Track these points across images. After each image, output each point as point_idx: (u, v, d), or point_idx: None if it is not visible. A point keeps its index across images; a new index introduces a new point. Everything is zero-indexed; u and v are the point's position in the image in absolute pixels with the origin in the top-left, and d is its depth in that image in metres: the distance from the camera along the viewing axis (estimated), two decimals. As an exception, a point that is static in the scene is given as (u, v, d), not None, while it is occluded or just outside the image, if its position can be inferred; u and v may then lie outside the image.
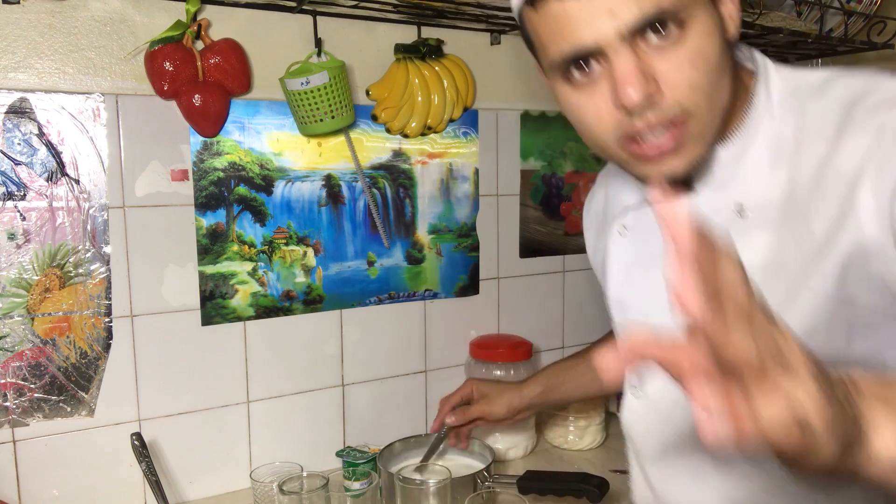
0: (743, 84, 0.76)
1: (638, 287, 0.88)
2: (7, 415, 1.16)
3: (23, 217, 1.14)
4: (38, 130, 1.14)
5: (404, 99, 1.40)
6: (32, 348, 1.16)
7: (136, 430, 1.24)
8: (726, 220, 0.75)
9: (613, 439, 1.58)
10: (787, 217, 0.72)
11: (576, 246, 1.73)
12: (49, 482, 1.19)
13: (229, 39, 1.22)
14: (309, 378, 1.41)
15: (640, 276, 0.87)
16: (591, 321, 1.76)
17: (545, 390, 1.26)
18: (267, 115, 1.32)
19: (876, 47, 1.65)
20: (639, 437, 0.91)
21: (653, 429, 0.88)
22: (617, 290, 0.91)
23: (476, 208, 1.57)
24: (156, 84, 1.17)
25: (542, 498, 1.22)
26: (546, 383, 1.26)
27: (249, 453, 1.36)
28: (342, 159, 1.40)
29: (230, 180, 1.30)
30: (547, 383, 1.26)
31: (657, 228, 0.82)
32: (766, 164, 0.74)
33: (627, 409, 0.92)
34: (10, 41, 1.11)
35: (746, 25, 1.40)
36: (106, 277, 1.21)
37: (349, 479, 1.21)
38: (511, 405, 1.25)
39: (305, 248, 1.38)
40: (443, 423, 1.28)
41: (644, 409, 0.89)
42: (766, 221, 0.73)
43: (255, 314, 1.35)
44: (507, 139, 1.60)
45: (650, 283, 0.84)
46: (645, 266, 0.86)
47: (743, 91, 0.76)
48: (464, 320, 1.59)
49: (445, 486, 1.10)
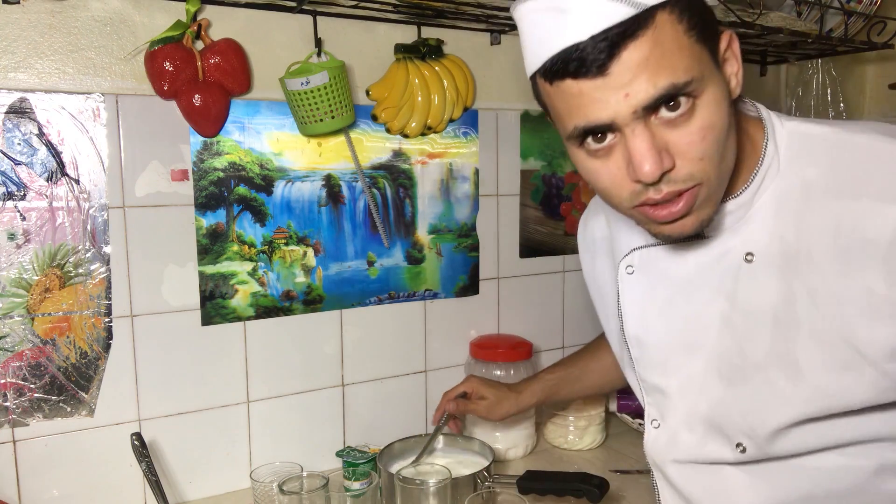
0: (749, 136, 0.79)
1: (654, 326, 0.91)
2: (7, 415, 1.16)
3: (23, 217, 1.14)
4: (38, 130, 1.14)
5: (404, 99, 1.40)
6: (32, 348, 1.16)
7: (136, 430, 1.24)
8: (734, 265, 0.80)
9: (613, 439, 1.58)
10: (795, 266, 0.76)
11: (576, 246, 1.72)
12: (49, 482, 1.19)
13: (229, 39, 1.22)
14: (309, 378, 1.41)
15: (656, 317, 0.91)
16: (591, 321, 1.76)
17: (541, 400, 1.29)
18: (267, 115, 1.32)
19: (876, 47, 1.65)
20: (664, 464, 0.94)
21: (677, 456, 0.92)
22: (634, 327, 0.94)
23: (476, 208, 1.57)
24: (156, 84, 1.17)
25: (542, 498, 1.22)
26: (542, 395, 1.28)
27: (249, 453, 1.36)
28: (342, 159, 1.40)
29: (230, 180, 1.30)
30: (543, 394, 1.28)
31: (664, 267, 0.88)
32: (771, 215, 0.77)
33: (650, 439, 0.96)
34: (10, 41, 1.11)
35: (746, 25, 1.40)
36: (106, 277, 1.21)
37: (349, 479, 1.21)
38: (507, 413, 1.28)
39: (305, 248, 1.38)
40: (444, 413, 1.29)
41: (666, 438, 0.93)
42: (772, 267, 0.77)
43: (255, 314, 1.35)
44: (507, 139, 1.60)
45: (666, 321, 0.89)
46: (659, 306, 0.90)
47: (749, 144, 0.79)
48: (464, 320, 1.59)
49: (445, 486, 1.10)
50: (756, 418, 0.81)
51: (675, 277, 0.87)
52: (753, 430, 0.82)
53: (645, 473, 1.41)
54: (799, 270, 0.76)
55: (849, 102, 1.95)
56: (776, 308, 0.77)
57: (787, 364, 0.78)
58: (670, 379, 0.91)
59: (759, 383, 0.81)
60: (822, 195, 0.75)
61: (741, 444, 0.84)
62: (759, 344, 0.80)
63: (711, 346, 0.85)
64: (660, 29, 0.65)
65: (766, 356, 0.80)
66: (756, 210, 0.79)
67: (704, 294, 0.84)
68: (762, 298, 0.78)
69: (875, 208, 0.70)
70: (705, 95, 0.68)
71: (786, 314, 0.77)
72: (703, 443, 0.88)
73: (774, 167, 0.78)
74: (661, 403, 0.93)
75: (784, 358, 0.78)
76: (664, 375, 0.91)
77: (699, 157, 0.69)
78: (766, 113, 0.81)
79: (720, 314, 0.83)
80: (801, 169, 0.77)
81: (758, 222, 0.78)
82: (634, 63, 0.65)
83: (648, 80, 0.65)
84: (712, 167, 0.70)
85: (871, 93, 2.07)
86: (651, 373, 0.94)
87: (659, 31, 0.65)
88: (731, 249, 0.80)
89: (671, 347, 0.90)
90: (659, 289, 0.90)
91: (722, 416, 0.85)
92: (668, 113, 0.67)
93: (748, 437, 0.83)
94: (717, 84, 0.69)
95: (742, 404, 0.83)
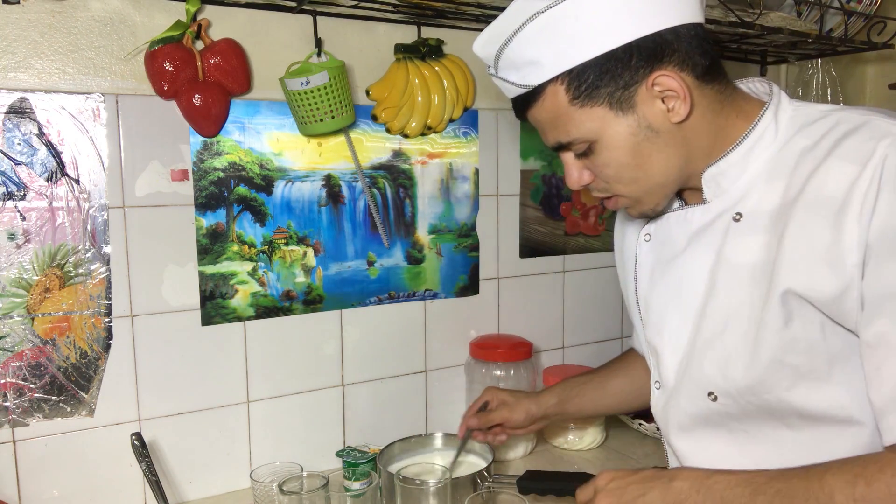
0: (744, 113, 0.90)
1: (658, 286, 1.00)
2: (7, 415, 1.16)
3: (23, 217, 1.14)
4: (38, 130, 1.14)
5: (404, 99, 1.40)
6: (32, 348, 1.16)
7: (136, 430, 1.24)
8: (725, 224, 0.90)
9: (613, 439, 1.58)
10: (778, 222, 0.84)
11: (576, 246, 1.73)
12: (49, 482, 1.19)
13: (229, 39, 1.22)
14: (309, 378, 1.41)
15: (659, 277, 1.00)
16: (591, 321, 1.76)
17: (560, 401, 1.27)
18: (267, 115, 1.32)
19: (876, 47, 1.65)
20: (664, 424, 1.02)
21: (671, 414, 1.00)
22: (644, 290, 1.03)
23: (476, 208, 1.57)
24: (156, 84, 1.17)
25: (542, 498, 1.22)
26: (561, 395, 1.28)
27: (249, 453, 1.36)
28: (342, 159, 1.40)
29: (230, 180, 1.30)
30: (562, 395, 1.28)
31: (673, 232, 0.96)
32: (764, 180, 0.87)
33: (653, 401, 1.04)
34: (10, 41, 1.11)
35: (746, 25, 1.40)
36: (106, 277, 1.21)
37: (349, 479, 1.21)
38: (529, 412, 1.26)
39: (305, 248, 1.38)
40: (467, 427, 1.28)
41: (664, 399, 1.00)
42: (758, 226, 0.86)
43: (255, 314, 1.35)
44: (507, 139, 1.60)
45: (666, 281, 0.98)
46: (662, 267, 0.99)
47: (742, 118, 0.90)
48: (464, 320, 1.59)
49: (445, 486, 1.11)
50: (727, 367, 0.89)
51: (678, 241, 0.96)
52: (725, 379, 0.89)
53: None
54: (776, 226, 0.84)
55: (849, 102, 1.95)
56: (755, 261, 0.86)
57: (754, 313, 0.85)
58: (663, 336, 0.98)
59: (730, 333, 0.88)
60: (807, 158, 0.83)
61: (712, 394, 0.92)
62: (733, 293, 0.88)
63: (699, 301, 0.93)
64: (549, 98, 0.86)
65: (738, 305, 0.87)
66: (750, 176, 0.88)
67: (697, 253, 0.93)
68: (744, 254, 0.87)
69: (837, 166, 0.79)
70: (602, 141, 0.86)
71: (761, 267, 0.85)
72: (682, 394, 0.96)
73: (771, 136, 0.87)
74: (658, 363, 1.00)
75: (754, 307, 0.85)
76: (659, 333, 0.99)
77: (606, 180, 0.90)
78: (777, 91, 0.91)
79: (709, 270, 0.91)
80: (795, 140, 0.85)
81: (751, 187, 0.88)
82: (536, 120, 0.91)
83: (547, 133, 0.91)
84: (625, 184, 0.90)
85: (871, 93, 2.08)
86: (652, 333, 1.01)
87: (549, 101, 0.87)
88: (725, 211, 0.90)
89: (667, 306, 0.98)
90: (665, 252, 0.99)
91: (699, 366, 0.93)
92: (574, 151, 0.90)
93: (718, 386, 0.91)
94: (619, 129, 0.85)
95: (716, 353, 0.90)
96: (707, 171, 0.90)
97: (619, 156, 0.87)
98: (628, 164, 0.88)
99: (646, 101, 0.85)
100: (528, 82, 0.87)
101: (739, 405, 0.90)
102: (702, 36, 0.86)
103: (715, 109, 0.88)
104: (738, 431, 0.92)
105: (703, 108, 0.87)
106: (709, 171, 0.90)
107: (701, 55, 0.85)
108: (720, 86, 0.88)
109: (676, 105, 0.84)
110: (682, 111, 0.84)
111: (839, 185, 0.78)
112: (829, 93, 1.84)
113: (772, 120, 0.88)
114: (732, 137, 0.89)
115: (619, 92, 0.84)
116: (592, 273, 1.76)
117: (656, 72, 0.83)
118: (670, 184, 0.91)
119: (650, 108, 0.85)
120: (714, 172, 0.90)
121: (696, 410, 0.95)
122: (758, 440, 0.91)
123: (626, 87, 0.84)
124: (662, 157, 0.88)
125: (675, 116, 0.85)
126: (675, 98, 0.84)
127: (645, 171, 0.88)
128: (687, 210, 0.95)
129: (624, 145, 0.86)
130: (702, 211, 0.93)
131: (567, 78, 0.84)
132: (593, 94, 0.84)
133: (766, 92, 0.93)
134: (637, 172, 0.88)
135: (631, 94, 0.84)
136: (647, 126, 0.86)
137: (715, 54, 0.88)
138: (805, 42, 1.56)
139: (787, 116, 0.88)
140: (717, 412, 0.92)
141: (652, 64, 0.83)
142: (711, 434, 0.95)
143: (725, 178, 0.89)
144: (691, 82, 0.85)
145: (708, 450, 0.96)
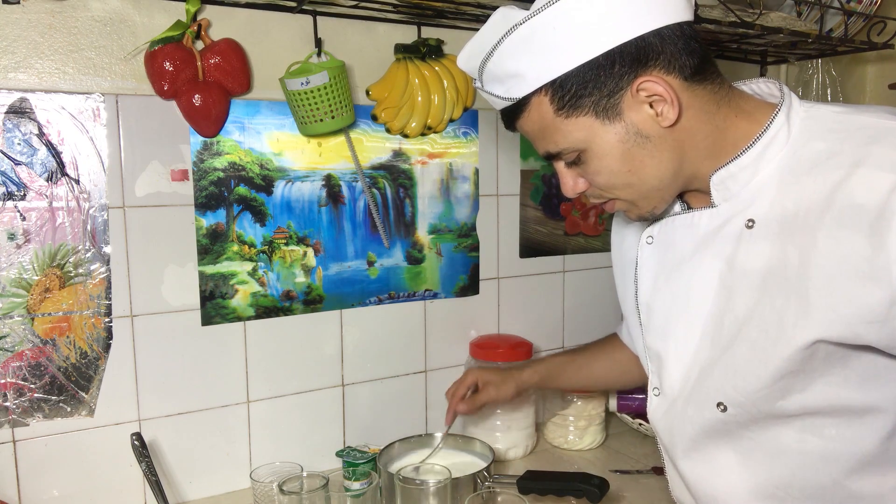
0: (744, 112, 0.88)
1: (662, 291, 0.98)
2: (7, 415, 1.16)
3: (23, 217, 1.14)
4: (38, 130, 1.14)
5: (404, 99, 1.40)
6: (32, 348, 1.16)
7: (136, 430, 1.24)
8: (736, 231, 0.87)
9: (613, 439, 1.58)
10: (790, 230, 0.81)
11: (576, 246, 1.73)
12: (49, 482, 1.19)
13: (229, 39, 1.22)
14: (309, 378, 1.41)
15: (664, 282, 0.97)
16: (591, 321, 1.76)
17: (542, 379, 1.33)
18: (267, 115, 1.32)
19: (876, 47, 1.65)
20: (664, 432, 1.00)
21: (674, 423, 0.97)
22: (646, 294, 1.01)
23: (476, 208, 1.57)
24: (156, 84, 1.17)
25: (542, 498, 1.22)
26: (544, 374, 1.32)
27: (249, 453, 1.36)
28: (342, 159, 1.40)
29: (230, 180, 1.30)
30: (545, 373, 1.32)
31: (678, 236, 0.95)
32: (775, 183, 0.84)
33: (652, 408, 1.01)
34: (10, 41, 1.11)
35: (746, 25, 1.40)
36: (106, 277, 1.21)
37: (349, 479, 1.21)
38: (516, 388, 1.31)
39: (305, 248, 1.38)
40: (455, 414, 1.29)
41: (665, 406, 0.98)
42: (770, 232, 0.84)
43: (255, 314, 1.35)
44: (507, 139, 1.60)
45: (671, 287, 0.96)
46: (667, 272, 0.97)
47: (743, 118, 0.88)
48: (464, 320, 1.59)
49: (445, 486, 1.11)
50: (737, 378, 0.87)
51: (685, 245, 0.94)
52: (735, 389, 0.87)
53: (645, 473, 1.42)
54: (793, 234, 0.81)
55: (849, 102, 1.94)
56: (767, 269, 0.83)
57: (768, 323, 0.83)
58: (668, 343, 0.96)
59: (741, 342, 0.86)
60: (824, 164, 0.80)
61: (722, 404, 0.89)
62: (745, 301, 0.86)
63: (707, 310, 0.90)
64: (535, 110, 0.86)
65: (748, 312, 0.85)
66: (761, 180, 0.85)
67: (707, 259, 0.91)
68: (756, 260, 0.84)
69: (870, 174, 0.75)
70: (591, 150, 0.86)
71: (775, 275, 0.82)
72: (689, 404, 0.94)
73: (783, 139, 0.84)
74: (660, 370, 0.98)
75: (766, 317, 0.83)
76: (664, 339, 0.97)
77: (601, 186, 0.90)
78: (788, 92, 0.88)
79: (719, 277, 0.89)
80: (810, 143, 0.83)
81: (762, 191, 0.85)
82: (525, 132, 0.91)
83: (537, 144, 0.91)
84: (619, 189, 0.89)
85: (871, 93, 2.08)
86: (654, 338, 0.99)
87: (535, 112, 0.86)
88: (735, 216, 0.87)
89: (672, 312, 0.96)
90: (670, 256, 0.96)
91: (708, 376, 0.90)
92: (564, 161, 0.90)
93: (728, 397, 0.89)
94: (607, 137, 0.84)
95: (726, 364, 0.88)
96: (716, 174, 0.88)
97: (610, 163, 0.86)
98: (619, 170, 0.87)
99: (633, 108, 0.84)
100: (512, 95, 0.86)
101: (750, 414, 0.88)
102: (689, 35, 0.84)
103: (710, 110, 0.86)
104: (745, 439, 0.90)
105: (695, 109, 0.85)
106: (718, 174, 0.88)
107: (688, 55, 0.83)
108: (713, 85, 0.86)
109: (664, 109, 0.83)
110: (671, 115, 0.83)
111: (873, 195, 0.74)
112: (829, 93, 1.84)
113: (784, 122, 0.85)
114: (735, 138, 0.87)
115: (604, 100, 0.83)
116: (592, 273, 1.76)
117: (640, 77, 0.82)
118: (667, 187, 0.89)
119: (638, 114, 0.84)
120: (724, 175, 0.87)
121: (703, 421, 0.92)
122: (763, 447, 0.89)
123: (610, 94, 0.83)
124: (655, 161, 0.86)
125: (665, 121, 0.84)
126: (662, 102, 0.83)
127: (639, 176, 0.87)
128: (693, 214, 0.92)
129: (613, 153, 0.86)
130: (710, 215, 0.90)
131: (550, 89, 0.84)
132: (577, 104, 0.84)
133: (771, 93, 0.91)
134: (630, 178, 0.87)
135: (616, 101, 0.83)
136: (637, 132, 0.85)
137: (705, 53, 0.85)
138: (805, 42, 1.56)
139: (799, 118, 0.85)
140: (724, 421, 0.90)
141: (636, 69, 0.82)
142: (716, 443, 0.93)
143: (735, 181, 0.87)
144: (679, 84, 0.83)
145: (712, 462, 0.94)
